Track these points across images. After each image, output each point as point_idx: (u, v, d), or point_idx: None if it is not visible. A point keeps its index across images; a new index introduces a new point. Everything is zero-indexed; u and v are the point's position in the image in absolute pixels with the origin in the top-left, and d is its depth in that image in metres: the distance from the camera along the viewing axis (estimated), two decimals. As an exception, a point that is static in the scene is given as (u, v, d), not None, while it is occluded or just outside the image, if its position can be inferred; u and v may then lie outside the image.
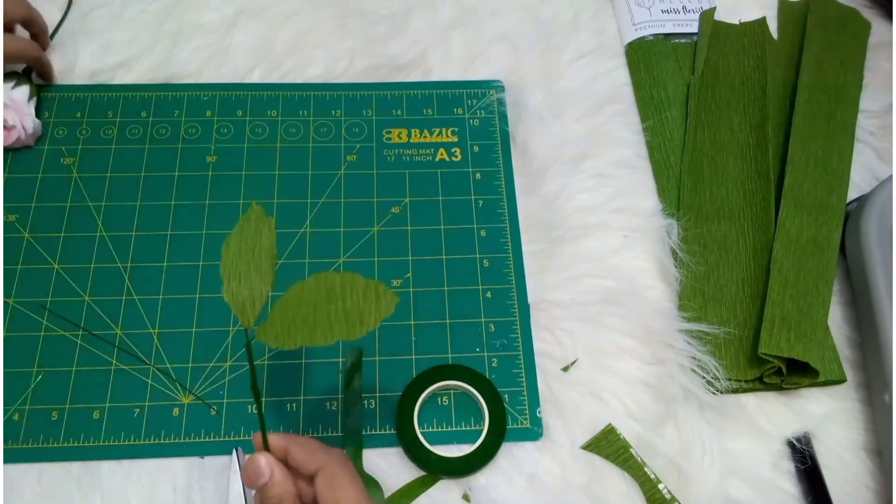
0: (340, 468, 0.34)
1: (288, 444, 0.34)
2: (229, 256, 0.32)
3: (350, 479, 0.33)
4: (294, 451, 0.34)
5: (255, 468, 0.33)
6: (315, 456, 0.34)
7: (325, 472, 0.33)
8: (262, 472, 0.33)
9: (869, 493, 0.44)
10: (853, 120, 0.55)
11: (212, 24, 0.57)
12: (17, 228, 0.49)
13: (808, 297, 0.46)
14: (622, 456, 0.43)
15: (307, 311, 0.30)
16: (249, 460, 0.33)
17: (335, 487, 0.33)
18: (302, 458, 0.34)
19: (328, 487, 0.33)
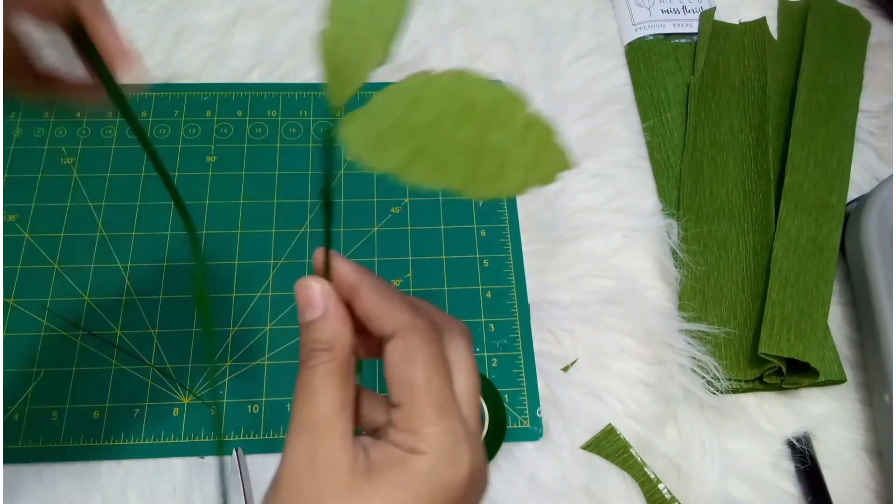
0: (427, 339, 0.24)
1: (361, 281, 0.24)
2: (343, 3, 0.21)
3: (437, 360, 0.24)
4: (367, 294, 0.24)
5: (305, 296, 0.24)
6: (395, 313, 0.24)
7: (403, 338, 0.24)
8: (313, 303, 0.24)
9: (869, 494, 0.44)
10: (853, 120, 0.55)
11: (212, 23, 0.57)
12: (17, 228, 0.49)
13: (808, 297, 0.46)
14: (622, 456, 0.43)
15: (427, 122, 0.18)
16: (300, 284, 0.24)
17: (413, 362, 0.23)
18: (376, 307, 0.24)
19: (404, 359, 0.23)
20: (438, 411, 0.23)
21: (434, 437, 0.23)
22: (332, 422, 0.23)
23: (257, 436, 0.43)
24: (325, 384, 0.24)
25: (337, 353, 0.24)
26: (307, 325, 0.25)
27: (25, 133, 0.52)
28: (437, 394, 0.23)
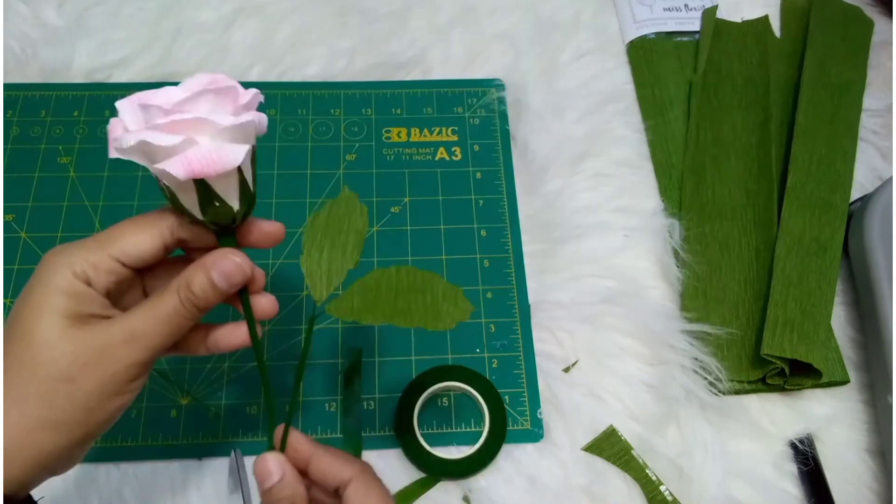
0: (374, 482, 0.31)
1: (313, 454, 0.31)
2: (314, 229, 0.33)
3: (385, 493, 0.31)
4: (319, 461, 0.31)
5: (263, 468, 0.30)
6: (343, 468, 0.31)
7: (359, 480, 0.31)
8: (269, 473, 0.30)
9: (872, 495, 0.43)
10: (856, 119, 0.54)
11: (210, 21, 0.57)
12: (14, 228, 0.48)
13: (811, 298, 0.45)
14: (623, 457, 0.43)
15: (387, 296, 0.31)
16: (258, 460, 0.31)
17: (372, 497, 0.31)
18: (327, 468, 0.31)
19: (365, 494, 0.30)
20: None
21: None
22: None
23: (256, 437, 0.43)
24: None
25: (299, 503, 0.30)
26: (268, 491, 0.30)
27: (22, 132, 0.52)
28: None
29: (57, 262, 0.28)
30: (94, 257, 0.28)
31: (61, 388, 0.27)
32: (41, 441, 0.27)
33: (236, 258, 0.30)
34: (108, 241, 0.29)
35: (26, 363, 0.27)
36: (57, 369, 0.27)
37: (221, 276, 0.29)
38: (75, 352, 0.27)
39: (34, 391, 0.27)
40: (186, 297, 0.29)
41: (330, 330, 0.46)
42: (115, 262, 0.29)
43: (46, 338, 0.27)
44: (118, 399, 0.28)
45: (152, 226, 0.30)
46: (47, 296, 0.28)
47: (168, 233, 0.30)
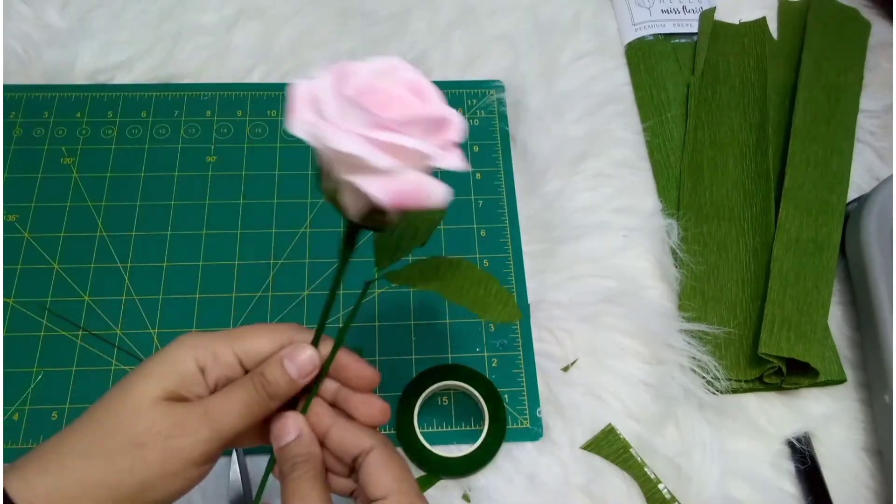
0: (395, 454, 0.31)
1: (334, 423, 0.32)
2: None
3: (406, 465, 0.31)
4: (339, 429, 0.31)
5: (281, 426, 0.31)
6: (364, 437, 0.31)
7: (380, 450, 0.31)
8: (287, 431, 0.31)
9: (869, 493, 0.44)
10: (853, 120, 0.55)
11: (212, 24, 0.57)
12: (17, 228, 0.49)
13: (808, 297, 0.46)
14: (622, 456, 0.43)
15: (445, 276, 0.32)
16: (276, 418, 0.31)
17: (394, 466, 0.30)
18: (347, 435, 0.31)
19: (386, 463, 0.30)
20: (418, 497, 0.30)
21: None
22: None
23: (257, 436, 0.43)
24: (312, 487, 0.30)
25: (314, 463, 0.31)
26: (284, 448, 0.31)
27: (25, 133, 0.52)
28: (412, 486, 0.31)
29: (187, 342, 0.30)
30: (218, 348, 0.30)
31: (128, 452, 0.27)
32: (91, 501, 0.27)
33: (309, 350, 0.31)
34: (235, 336, 0.31)
35: (109, 420, 0.28)
36: (132, 432, 0.28)
37: (293, 363, 0.30)
38: (154, 420, 0.28)
39: (104, 447, 0.27)
40: (259, 382, 0.30)
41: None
42: (234, 357, 0.30)
43: (137, 402, 0.28)
44: (176, 481, 0.28)
45: (277, 331, 0.31)
46: (161, 367, 0.29)
47: (287, 340, 0.31)
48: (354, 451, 0.31)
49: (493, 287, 0.32)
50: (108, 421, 0.28)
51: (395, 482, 0.30)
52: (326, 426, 0.31)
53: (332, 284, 0.31)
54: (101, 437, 0.28)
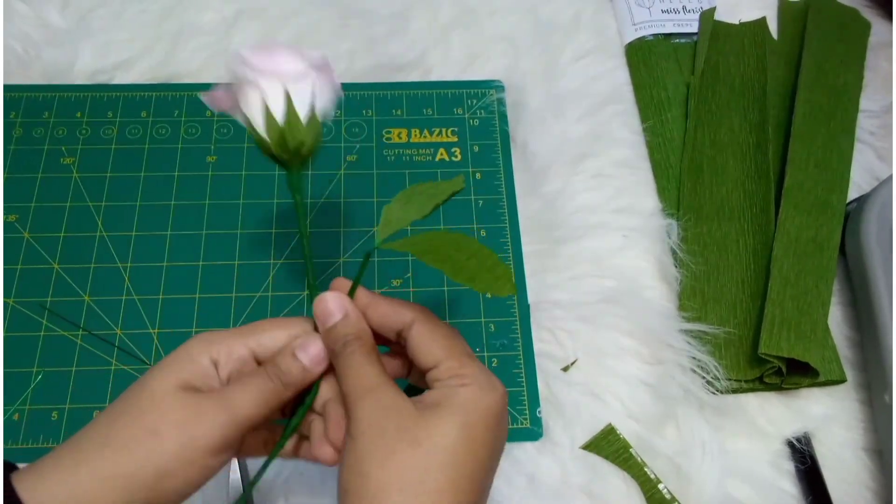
0: (438, 320, 0.31)
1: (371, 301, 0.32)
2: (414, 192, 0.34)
3: (452, 329, 0.31)
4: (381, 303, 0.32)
5: (323, 308, 0.31)
6: (405, 309, 0.31)
7: (423, 320, 0.31)
8: (331, 311, 0.31)
9: (869, 494, 0.44)
10: (853, 120, 0.55)
11: (212, 24, 0.57)
12: (17, 228, 0.49)
13: (808, 297, 0.46)
14: (622, 456, 0.43)
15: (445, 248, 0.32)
16: (317, 300, 0.31)
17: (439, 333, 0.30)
18: (388, 311, 0.31)
19: (431, 331, 0.30)
20: (469, 357, 0.30)
21: (472, 373, 0.29)
22: (385, 382, 0.29)
23: (257, 436, 0.43)
24: (366, 360, 0.30)
25: (365, 340, 0.31)
26: (331, 329, 0.31)
27: (25, 133, 0.52)
28: (464, 348, 0.31)
29: (201, 339, 0.31)
30: (232, 344, 0.31)
31: (144, 441, 0.27)
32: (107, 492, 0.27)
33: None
34: (248, 332, 0.31)
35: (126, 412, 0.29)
36: (148, 421, 0.28)
37: (305, 353, 0.31)
38: (169, 408, 0.28)
39: (120, 438, 0.28)
40: (273, 372, 0.30)
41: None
42: (248, 351, 0.31)
43: (152, 392, 0.29)
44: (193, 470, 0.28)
45: (289, 325, 0.32)
46: (176, 361, 0.30)
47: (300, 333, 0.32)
48: (397, 326, 0.31)
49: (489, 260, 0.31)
50: (124, 412, 0.28)
51: (443, 349, 0.30)
52: (364, 306, 0.32)
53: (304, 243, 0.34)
54: (117, 429, 0.28)
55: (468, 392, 0.29)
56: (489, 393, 0.29)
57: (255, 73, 0.32)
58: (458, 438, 0.27)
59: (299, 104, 0.33)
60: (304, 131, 0.33)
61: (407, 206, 0.33)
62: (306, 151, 0.34)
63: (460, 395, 0.29)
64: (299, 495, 0.42)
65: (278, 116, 0.32)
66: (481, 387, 0.29)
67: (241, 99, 0.33)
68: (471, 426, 0.28)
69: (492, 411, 0.29)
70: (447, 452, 0.27)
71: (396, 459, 0.27)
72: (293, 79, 0.32)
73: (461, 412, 0.28)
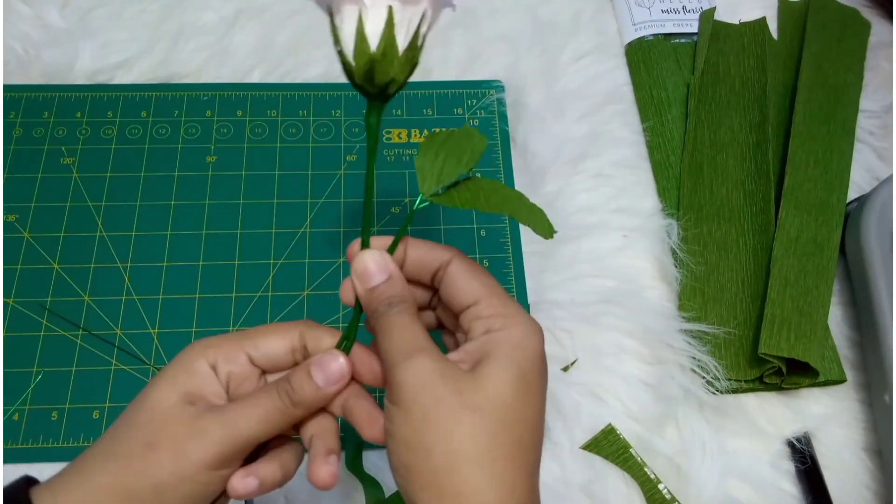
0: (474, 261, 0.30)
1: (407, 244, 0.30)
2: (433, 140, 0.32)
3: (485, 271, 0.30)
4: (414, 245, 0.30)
5: (364, 268, 0.29)
6: (440, 249, 0.30)
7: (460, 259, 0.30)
8: (372, 272, 0.29)
9: (869, 493, 0.44)
10: (853, 120, 0.55)
11: (211, 23, 0.57)
12: (17, 228, 0.49)
13: (808, 297, 0.46)
14: (622, 456, 0.43)
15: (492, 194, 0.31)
16: (357, 259, 0.29)
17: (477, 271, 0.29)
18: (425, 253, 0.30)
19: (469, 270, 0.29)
20: (510, 297, 0.29)
21: (518, 312, 0.28)
22: (430, 344, 0.28)
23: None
24: (411, 322, 0.28)
25: (410, 302, 0.29)
26: (374, 290, 0.29)
27: (25, 133, 0.52)
28: (501, 289, 0.29)
29: (198, 345, 0.30)
30: (229, 348, 0.29)
31: (141, 454, 0.27)
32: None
33: (340, 359, 0.29)
34: (244, 336, 0.30)
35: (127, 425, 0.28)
36: (146, 433, 0.27)
37: (321, 371, 0.29)
38: (167, 421, 0.27)
39: (120, 451, 0.27)
40: (283, 389, 0.29)
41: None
42: (244, 355, 0.30)
43: (152, 404, 0.28)
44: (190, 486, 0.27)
45: (286, 329, 0.30)
46: (174, 370, 0.29)
47: (297, 337, 0.30)
48: (434, 264, 0.30)
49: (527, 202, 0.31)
50: (125, 426, 0.28)
51: (483, 286, 0.29)
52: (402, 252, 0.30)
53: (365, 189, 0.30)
54: (117, 442, 0.27)
55: (516, 335, 0.27)
56: (535, 334, 0.28)
57: None
58: (517, 392, 0.26)
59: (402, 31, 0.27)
60: (397, 66, 0.28)
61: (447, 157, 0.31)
62: (394, 89, 0.29)
63: (509, 341, 0.27)
64: (299, 495, 0.42)
65: (372, 42, 0.27)
66: (527, 328, 0.28)
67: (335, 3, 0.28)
68: (525, 375, 0.27)
69: (539, 354, 0.28)
70: (509, 410, 0.26)
71: (460, 429, 0.25)
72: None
73: (514, 363, 0.27)
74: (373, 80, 0.28)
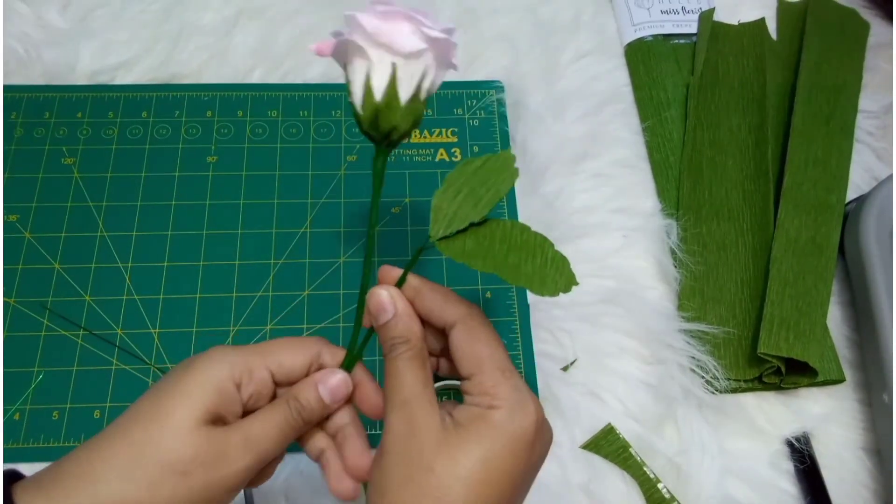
0: (482, 323, 0.30)
1: (421, 287, 0.30)
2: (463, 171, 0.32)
3: (494, 337, 0.29)
4: (427, 296, 0.30)
5: (376, 303, 0.30)
6: (451, 306, 0.30)
7: (464, 324, 0.29)
8: (384, 306, 0.30)
9: (868, 493, 0.44)
10: (852, 120, 0.55)
11: (212, 24, 0.57)
12: (18, 228, 0.49)
13: (807, 297, 0.46)
14: (622, 456, 0.43)
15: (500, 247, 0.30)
16: (371, 294, 0.30)
17: (477, 341, 0.29)
18: (436, 305, 0.30)
19: (468, 340, 0.29)
20: (503, 374, 0.28)
21: (505, 394, 0.28)
22: (420, 396, 0.29)
23: (257, 435, 0.43)
24: (408, 368, 0.29)
25: (413, 343, 0.30)
26: (383, 326, 0.30)
27: (26, 133, 0.52)
28: (500, 361, 0.29)
29: (220, 357, 0.29)
30: (253, 364, 0.30)
31: (171, 481, 0.27)
32: None
33: (340, 374, 0.31)
34: (267, 352, 0.30)
35: (150, 444, 0.27)
36: (177, 460, 0.27)
37: (326, 388, 0.31)
38: (198, 449, 0.27)
39: (145, 475, 0.27)
40: (294, 407, 0.30)
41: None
42: (267, 372, 0.30)
43: (179, 427, 0.27)
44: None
45: (307, 346, 0.31)
46: (199, 387, 0.28)
47: (317, 355, 0.32)
48: (440, 323, 0.30)
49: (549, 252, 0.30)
50: (149, 444, 0.27)
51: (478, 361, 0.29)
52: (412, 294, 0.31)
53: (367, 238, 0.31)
54: (142, 462, 0.27)
55: (495, 417, 0.27)
56: (519, 418, 0.27)
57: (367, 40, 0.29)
58: (476, 470, 0.26)
59: (404, 85, 0.29)
60: (399, 115, 0.30)
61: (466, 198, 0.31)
62: (397, 136, 0.31)
63: (486, 420, 0.27)
64: (299, 495, 0.42)
65: (377, 94, 0.29)
66: (511, 411, 0.27)
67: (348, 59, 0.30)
68: (492, 457, 0.27)
69: (520, 438, 0.27)
70: (462, 483, 0.26)
71: (412, 485, 0.27)
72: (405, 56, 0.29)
73: (484, 441, 0.27)
74: (378, 128, 0.30)
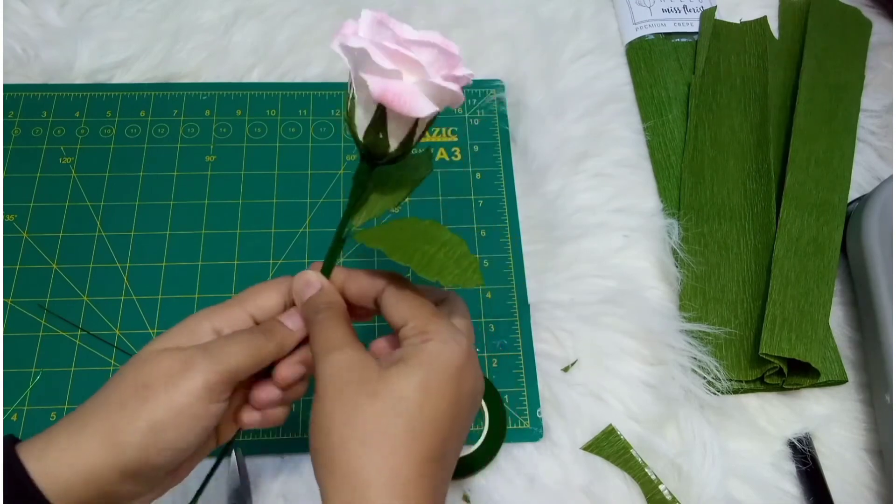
0: (408, 283, 0.32)
1: (348, 274, 0.34)
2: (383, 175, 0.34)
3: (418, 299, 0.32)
4: (353, 277, 0.33)
5: (303, 281, 0.33)
6: (376, 277, 0.33)
7: (391, 286, 0.32)
8: (310, 283, 0.33)
9: (870, 494, 0.43)
10: (854, 119, 0.55)
11: (211, 23, 0.57)
12: (16, 228, 0.48)
13: (809, 298, 0.46)
14: (623, 457, 0.43)
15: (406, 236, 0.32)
16: (298, 276, 0.33)
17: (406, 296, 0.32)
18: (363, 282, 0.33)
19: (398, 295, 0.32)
20: (434, 314, 0.31)
21: (436, 328, 0.30)
22: (352, 342, 0.31)
23: (256, 437, 0.43)
24: (335, 322, 0.31)
25: (336, 308, 0.32)
26: (308, 301, 0.32)
27: (24, 132, 0.52)
28: (429, 308, 0.31)
29: (203, 311, 0.32)
30: (232, 311, 0.32)
31: (135, 395, 0.29)
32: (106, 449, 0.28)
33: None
34: (246, 299, 0.33)
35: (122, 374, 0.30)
36: (140, 376, 0.29)
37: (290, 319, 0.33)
38: (159, 363, 0.29)
39: (115, 397, 0.29)
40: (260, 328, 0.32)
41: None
42: (248, 315, 0.33)
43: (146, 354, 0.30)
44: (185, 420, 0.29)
45: (278, 286, 0.34)
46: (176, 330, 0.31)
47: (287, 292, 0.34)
48: (372, 293, 0.33)
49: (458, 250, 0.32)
50: (119, 378, 0.30)
51: (411, 309, 0.31)
52: (342, 281, 0.33)
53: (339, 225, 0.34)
54: (111, 391, 0.29)
55: (430, 346, 0.29)
56: (450, 346, 0.30)
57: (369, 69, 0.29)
58: (415, 390, 0.28)
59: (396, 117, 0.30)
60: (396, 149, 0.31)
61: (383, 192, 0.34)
62: (386, 161, 0.32)
63: (422, 350, 0.29)
64: (299, 495, 0.42)
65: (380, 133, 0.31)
66: (443, 340, 0.30)
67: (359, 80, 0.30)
68: (429, 379, 0.29)
69: (452, 363, 0.29)
70: (404, 402, 0.28)
71: (357, 413, 0.28)
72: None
73: (421, 366, 0.29)
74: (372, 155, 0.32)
